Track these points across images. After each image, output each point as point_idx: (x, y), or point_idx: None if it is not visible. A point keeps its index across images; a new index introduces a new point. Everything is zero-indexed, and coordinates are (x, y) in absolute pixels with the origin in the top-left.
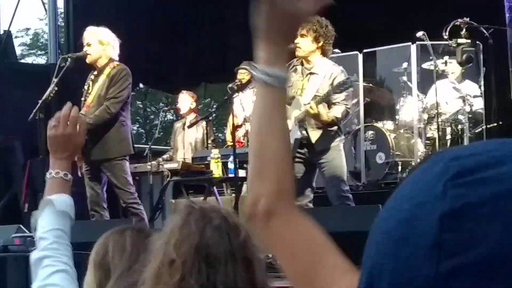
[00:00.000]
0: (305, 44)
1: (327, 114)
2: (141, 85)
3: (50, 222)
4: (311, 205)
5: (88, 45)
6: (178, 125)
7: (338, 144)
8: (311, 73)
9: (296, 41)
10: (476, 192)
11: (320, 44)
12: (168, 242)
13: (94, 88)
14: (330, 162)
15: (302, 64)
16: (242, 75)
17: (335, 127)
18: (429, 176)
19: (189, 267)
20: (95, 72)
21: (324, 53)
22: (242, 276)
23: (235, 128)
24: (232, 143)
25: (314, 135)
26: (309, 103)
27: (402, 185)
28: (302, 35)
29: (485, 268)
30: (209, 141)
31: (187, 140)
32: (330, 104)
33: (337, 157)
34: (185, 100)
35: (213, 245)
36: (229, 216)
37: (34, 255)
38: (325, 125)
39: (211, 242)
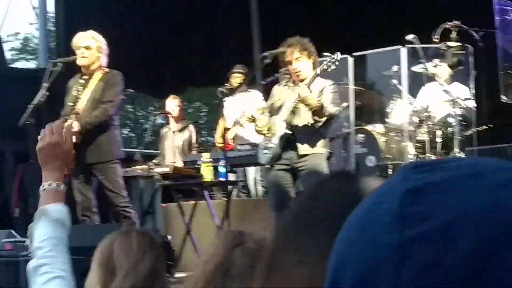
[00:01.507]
0: (303, 66)
1: (317, 99)
2: (130, 90)
3: (46, 231)
4: None
5: (87, 48)
6: (164, 130)
7: (322, 153)
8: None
9: (294, 67)
10: (435, 175)
11: (312, 59)
12: (201, 261)
13: (86, 93)
14: (310, 165)
15: (294, 83)
16: (236, 78)
17: (323, 121)
18: (389, 179)
19: (209, 281)
20: (85, 77)
21: (315, 67)
22: None
23: (225, 131)
24: (221, 145)
25: (300, 137)
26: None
27: None
28: (297, 59)
29: (446, 232)
30: (196, 145)
31: (175, 144)
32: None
33: (319, 162)
34: (171, 105)
35: (236, 264)
36: (262, 240)
37: (31, 264)
38: (314, 114)
39: (235, 260)
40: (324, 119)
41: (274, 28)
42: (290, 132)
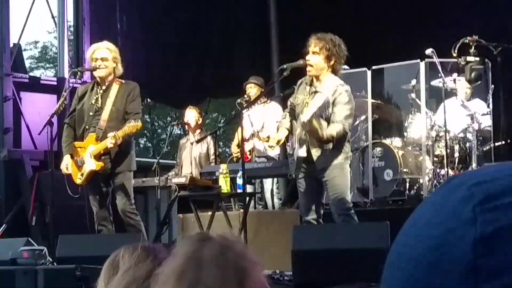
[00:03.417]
0: (317, 62)
1: (322, 130)
2: (148, 100)
3: None
4: (321, 220)
5: (104, 59)
6: (183, 141)
7: (342, 162)
8: (315, 92)
9: (308, 57)
10: (505, 216)
11: (331, 63)
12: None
13: (107, 103)
14: (331, 180)
15: (311, 83)
16: (250, 89)
17: (333, 144)
18: (453, 201)
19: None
20: (103, 87)
21: (334, 72)
22: None
23: (243, 142)
24: (237, 155)
25: (315, 153)
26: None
27: (420, 210)
28: (314, 53)
29: None
30: (213, 157)
31: (192, 155)
32: (329, 122)
33: (339, 175)
34: (191, 116)
35: (207, 255)
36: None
37: None
38: (321, 142)
39: (205, 252)
40: (331, 144)
41: (293, 41)
42: (303, 155)
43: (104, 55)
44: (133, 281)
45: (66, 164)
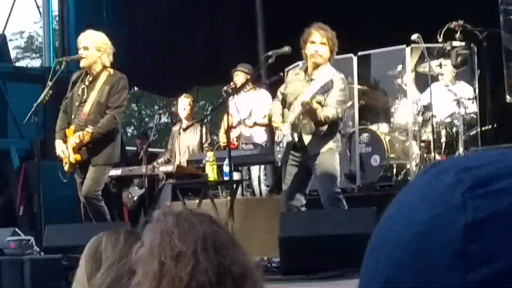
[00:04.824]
0: (324, 52)
1: (319, 112)
2: (135, 88)
3: None
4: (303, 209)
5: (85, 48)
6: (175, 128)
7: (333, 149)
8: (312, 79)
9: (316, 48)
10: (495, 203)
11: (333, 53)
12: (165, 241)
13: (91, 95)
14: (322, 163)
15: (306, 71)
16: (237, 76)
17: (326, 128)
18: (440, 187)
19: (200, 256)
20: (90, 78)
21: (331, 61)
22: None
23: (229, 129)
24: (224, 144)
25: (307, 139)
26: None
27: (404, 196)
28: (322, 43)
29: None
30: (206, 145)
31: (185, 143)
32: (323, 107)
33: (329, 159)
34: (184, 103)
35: (215, 234)
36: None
37: None
38: (316, 124)
39: (214, 231)
40: (325, 127)
41: (279, 28)
42: (295, 139)
43: (86, 43)
44: (119, 278)
45: (61, 149)
